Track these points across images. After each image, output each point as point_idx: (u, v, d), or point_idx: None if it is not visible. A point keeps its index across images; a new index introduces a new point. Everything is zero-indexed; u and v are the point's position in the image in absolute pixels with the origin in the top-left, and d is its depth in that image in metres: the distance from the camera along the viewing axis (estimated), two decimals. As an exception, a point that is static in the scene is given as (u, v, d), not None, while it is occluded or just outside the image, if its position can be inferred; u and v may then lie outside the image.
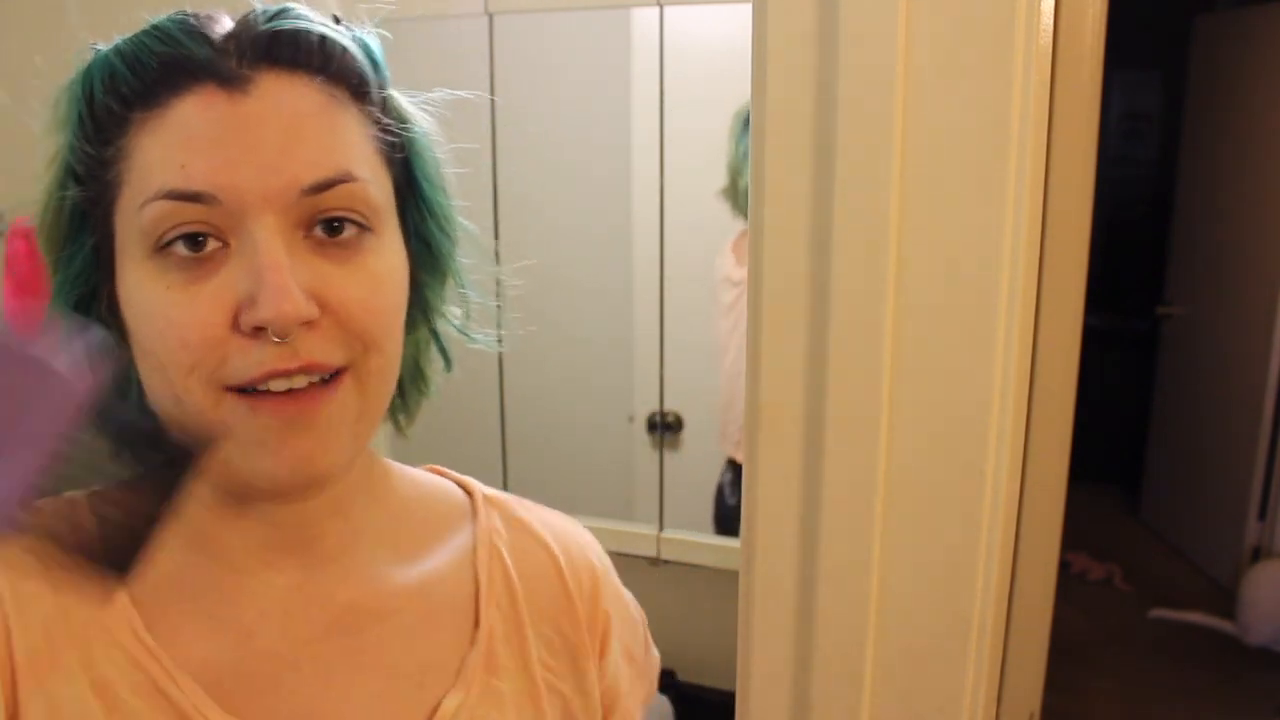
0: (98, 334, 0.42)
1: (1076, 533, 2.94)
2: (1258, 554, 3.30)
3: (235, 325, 0.47)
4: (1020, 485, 1.18)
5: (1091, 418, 2.22)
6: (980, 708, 0.60)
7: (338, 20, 0.53)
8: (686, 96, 1.71)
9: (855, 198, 0.55)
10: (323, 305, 0.48)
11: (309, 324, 0.47)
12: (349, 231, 0.49)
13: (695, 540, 1.85)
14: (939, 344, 0.56)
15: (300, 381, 0.48)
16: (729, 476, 1.91)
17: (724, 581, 0.73)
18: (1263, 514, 3.30)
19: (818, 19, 0.55)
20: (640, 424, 1.89)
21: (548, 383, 1.96)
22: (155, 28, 0.49)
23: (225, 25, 0.50)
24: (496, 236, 0.65)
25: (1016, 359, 0.56)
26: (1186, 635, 3.21)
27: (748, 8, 0.58)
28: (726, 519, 1.91)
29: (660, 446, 1.87)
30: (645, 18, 1.72)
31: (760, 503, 0.61)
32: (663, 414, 1.86)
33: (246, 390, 0.48)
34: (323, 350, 0.48)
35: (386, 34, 0.55)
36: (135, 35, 0.50)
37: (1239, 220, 3.39)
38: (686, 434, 1.89)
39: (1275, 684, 2.91)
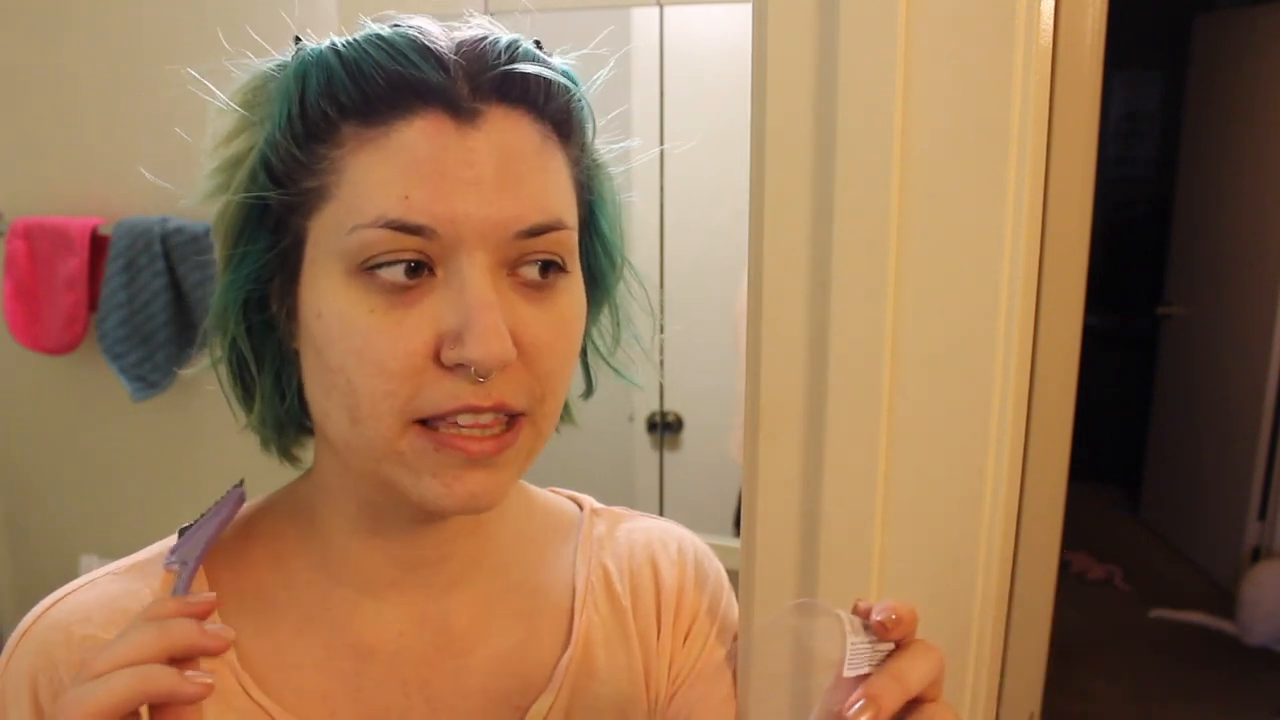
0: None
1: (1076, 533, 2.94)
2: (1258, 554, 3.30)
3: (435, 357, 0.46)
4: (1020, 485, 1.18)
5: (1091, 418, 2.21)
6: (980, 708, 0.60)
7: (539, 45, 0.52)
8: (686, 96, 1.71)
9: (855, 198, 0.55)
10: (517, 345, 0.47)
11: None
12: (551, 274, 0.49)
13: (695, 540, 1.85)
14: (939, 344, 0.56)
15: (487, 418, 0.47)
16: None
17: (724, 581, 0.74)
18: (1263, 514, 3.30)
19: (818, 19, 0.55)
20: (640, 424, 1.89)
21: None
22: (381, 39, 0.47)
23: (447, 43, 0.47)
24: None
25: (1016, 359, 0.56)
26: (1186, 635, 3.21)
27: (748, 8, 0.58)
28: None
29: (660, 447, 1.87)
30: (645, 18, 1.72)
31: (760, 503, 0.61)
32: (663, 414, 1.86)
33: (431, 423, 0.47)
34: (513, 392, 0.47)
35: (577, 63, 0.55)
36: (356, 41, 0.47)
37: (1239, 220, 3.39)
38: (686, 434, 1.88)
39: (1275, 684, 2.91)
